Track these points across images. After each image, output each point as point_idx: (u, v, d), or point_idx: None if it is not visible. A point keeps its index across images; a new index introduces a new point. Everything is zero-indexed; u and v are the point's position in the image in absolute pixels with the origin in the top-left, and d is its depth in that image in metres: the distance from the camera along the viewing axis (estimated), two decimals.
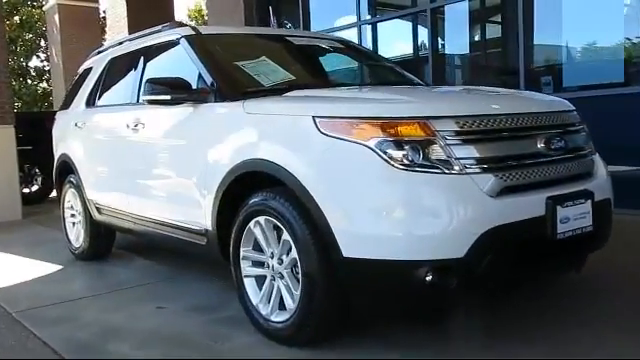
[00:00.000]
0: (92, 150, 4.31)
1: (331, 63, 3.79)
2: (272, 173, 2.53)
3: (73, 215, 4.82)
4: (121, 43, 4.46)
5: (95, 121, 4.32)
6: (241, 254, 2.80)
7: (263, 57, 3.33)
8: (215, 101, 2.99)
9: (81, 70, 5.12)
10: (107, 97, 4.34)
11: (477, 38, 8.10)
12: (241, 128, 2.78)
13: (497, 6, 7.74)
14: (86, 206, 4.43)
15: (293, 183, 2.42)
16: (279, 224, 2.55)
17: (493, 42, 7.85)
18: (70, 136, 4.63)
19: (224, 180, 2.79)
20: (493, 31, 7.93)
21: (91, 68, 4.75)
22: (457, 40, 7.88)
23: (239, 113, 2.79)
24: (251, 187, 2.72)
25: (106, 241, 4.61)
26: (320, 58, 3.88)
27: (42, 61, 24.62)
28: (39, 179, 9.27)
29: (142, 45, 3.94)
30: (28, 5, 23.51)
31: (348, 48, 4.04)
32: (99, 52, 4.91)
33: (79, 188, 4.51)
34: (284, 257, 2.59)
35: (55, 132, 5.18)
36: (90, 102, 4.53)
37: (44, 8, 17.95)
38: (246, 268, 2.80)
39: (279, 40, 3.81)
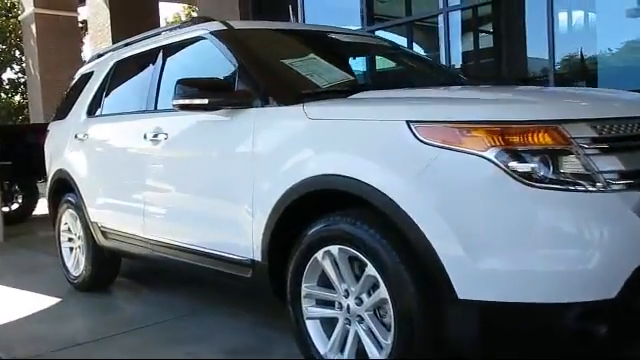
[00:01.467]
0: (97, 165, 3.76)
1: (381, 63, 3.31)
2: (352, 192, 2.03)
3: (71, 239, 4.24)
4: (128, 44, 3.93)
5: (100, 132, 3.77)
6: (303, 291, 2.28)
7: (311, 55, 2.85)
8: (262, 106, 2.49)
9: (78, 76, 4.57)
10: (114, 104, 3.80)
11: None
12: (303, 137, 2.28)
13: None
14: (88, 229, 3.86)
15: (384, 204, 1.92)
16: (359, 255, 2.05)
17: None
18: (69, 150, 4.07)
19: (281, 201, 2.28)
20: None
21: (91, 73, 4.20)
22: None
23: (299, 119, 2.29)
24: (316, 209, 2.22)
25: (111, 269, 4.04)
26: (368, 57, 3.40)
27: (16, 73, 23.75)
28: (19, 197, 8.59)
29: (157, 44, 3.42)
30: (2, 15, 22.67)
31: (393, 47, 3.58)
32: (99, 55, 4.36)
33: (80, 209, 3.94)
34: (364, 296, 2.09)
35: (48, 146, 4.60)
36: (92, 111, 3.98)
37: (20, 17, 17.20)
38: (309, 308, 2.28)
39: (321, 37, 3.31)
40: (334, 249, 2.14)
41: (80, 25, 17.83)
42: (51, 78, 15.20)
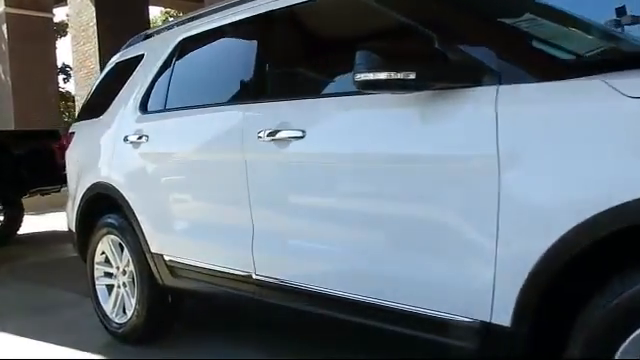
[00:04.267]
0: (164, 177, 2.78)
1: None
2: None
3: (110, 275, 3.23)
4: (194, 18, 2.97)
5: (169, 132, 2.78)
6: None
7: (527, 13, 1.97)
8: (501, 83, 1.60)
9: (112, 64, 3.58)
10: (187, 95, 2.82)
11: None
12: (616, 128, 1.39)
13: None
14: (145, 263, 2.87)
15: None
16: None
17: None
18: (114, 157, 3.06)
19: (570, 237, 1.39)
20: None
21: (139, 58, 3.21)
22: None
23: (603, 100, 1.41)
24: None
25: (171, 315, 3.05)
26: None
27: None
28: (3, 214, 7.44)
29: (256, 12, 2.47)
30: None
31: None
32: (147, 36, 3.39)
33: (130, 235, 2.94)
34: None
35: (73, 154, 3.58)
36: (148, 105, 2.99)
37: None
38: None
39: None
40: None
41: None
42: (24, 84, 13.93)
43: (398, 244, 1.81)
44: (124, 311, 3.13)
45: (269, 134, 2.15)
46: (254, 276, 2.28)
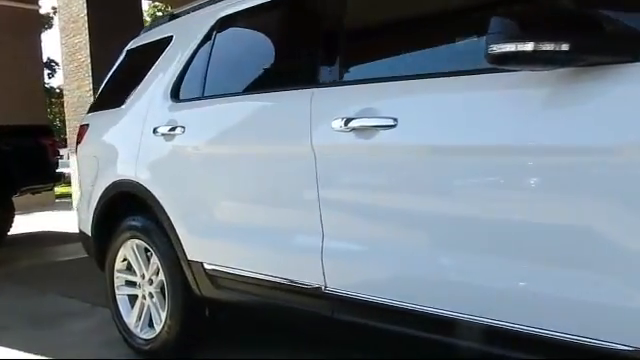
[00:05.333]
0: (206, 174, 2.42)
1: None
2: None
3: (132, 284, 2.88)
4: None
5: (212, 122, 2.43)
6: None
7: None
8: None
9: (133, 46, 3.21)
10: (232, 80, 2.47)
11: None
12: None
13: None
14: (180, 272, 2.52)
15: None
16: None
17: None
18: (141, 151, 2.70)
19: None
20: None
21: (168, 40, 2.86)
22: None
23: None
24: None
25: (207, 330, 2.70)
26: None
27: None
28: None
29: None
30: None
31: None
32: (174, 16, 3.03)
33: (161, 240, 2.59)
34: None
35: (90, 147, 3.21)
36: (181, 92, 2.64)
37: None
38: None
39: None
40: None
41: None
42: (8, 78, 13.38)
43: (540, 257, 1.47)
44: (151, 325, 2.78)
45: (347, 123, 1.82)
46: (324, 289, 1.95)
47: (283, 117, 2.10)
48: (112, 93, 3.19)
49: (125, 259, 2.90)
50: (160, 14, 24.47)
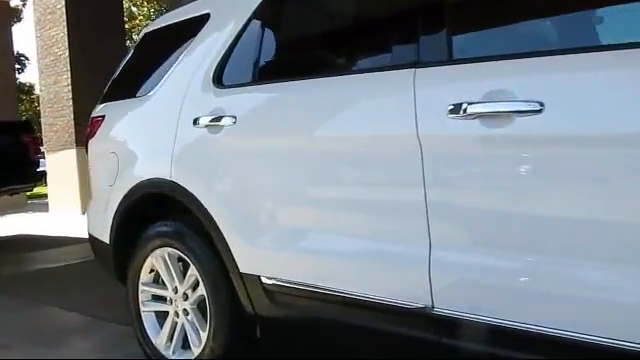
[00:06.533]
0: (272, 172, 2.04)
1: None
2: None
3: (162, 299, 2.50)
4: None
5: (279, 111, 2.06)
6: None
7: None
8: None
9: (158, 26, 2.82)
10: (297, 61, 2.12)
11: None
12: None
13: None
14: (228, 286, 2.16)
15: None
16: None
17: None
18: (180, 145, 2.32)
19: None
20: None
21: (204, 17, 2.48)
22: None
23: None
24: None
25: (256, 353, 2.34)
26: None
27: None
28: None
29: None
30: None
31: None
32: None
33: (202, 249, 2.22)
34: None
35: (107, 142, 2.79)
36: (224, 77, 2.27)
37: None
38: None
39: None
40: None
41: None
42: None
43: None
44: (185, 346, 2.41)
45: (470, 108, 1.49)
46: (432, 309, 1.62)
47: (375, 103, 1.76)
48: (131, 81, 2.80)
49: (153, 270, 2.51)
50: (135, 9, 23.84)
